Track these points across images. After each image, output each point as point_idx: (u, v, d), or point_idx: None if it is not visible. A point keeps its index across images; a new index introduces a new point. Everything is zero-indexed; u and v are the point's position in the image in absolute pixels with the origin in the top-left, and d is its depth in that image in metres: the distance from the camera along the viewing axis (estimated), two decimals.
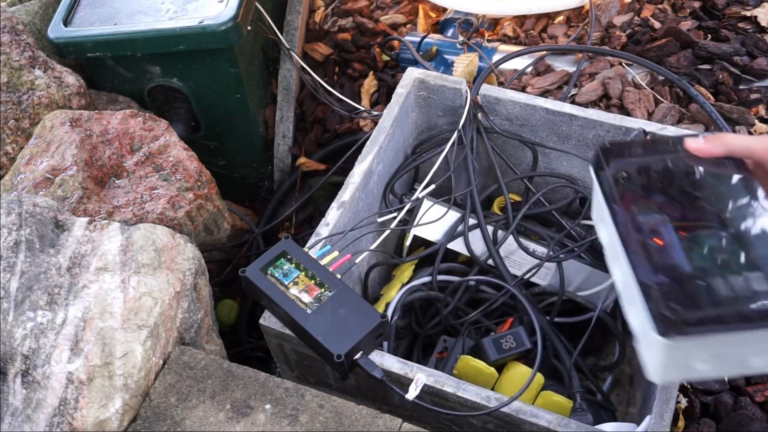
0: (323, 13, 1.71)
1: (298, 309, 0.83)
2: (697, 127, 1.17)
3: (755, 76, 1.23)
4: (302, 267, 0.86)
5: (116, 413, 0.78)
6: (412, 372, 0.82)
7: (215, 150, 1.52)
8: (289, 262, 0.87)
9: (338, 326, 0.81)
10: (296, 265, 0.86)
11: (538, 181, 1.16)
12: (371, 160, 1.04)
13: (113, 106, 1.33)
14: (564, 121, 1.08)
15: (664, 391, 0.79)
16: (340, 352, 0.78)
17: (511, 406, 0.79)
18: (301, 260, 0.87)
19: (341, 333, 0.80)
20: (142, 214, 1.00)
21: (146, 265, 0.88)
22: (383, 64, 1.61)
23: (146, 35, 1.28)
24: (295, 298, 0.83)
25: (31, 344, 0.80)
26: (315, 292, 0.84)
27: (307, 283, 0.85)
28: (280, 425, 0.79)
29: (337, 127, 1.54)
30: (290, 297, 0.84)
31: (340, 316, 0.82)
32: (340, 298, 0.83)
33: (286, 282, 0.85)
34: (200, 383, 0.83)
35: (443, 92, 1.13)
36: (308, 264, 0.86)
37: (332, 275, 0.86)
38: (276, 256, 0.87)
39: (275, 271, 0.86)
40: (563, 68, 1.33)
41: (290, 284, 0.85)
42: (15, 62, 1.16)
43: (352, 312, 0.82)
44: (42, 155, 1.05)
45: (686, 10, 1.39)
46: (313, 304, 0.83)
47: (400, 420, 0.80)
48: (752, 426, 0.93)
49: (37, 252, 0.87)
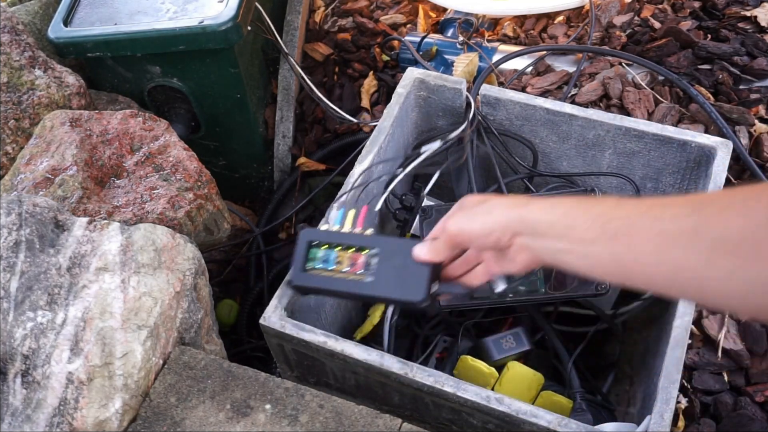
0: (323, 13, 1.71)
1: (358, 283, 0.80)
2: (697, 127, 1.17)
3: (755, 76, 1.23)
4: (334, 245, 0.84)
5: (116, 413, 0.78)
6: (412, 372, 0.82)
7: (215, 150, 1.52)
8: (320, 247, 0.84)
9: (402, 276, 0.78)
10: (328, 246, 0.84)
11: (539, 181, 1.16)
12: (371, 160, 1.04)
13: (113, 106, 1.33)
14: (564, 121, 1.08)
15: (664, 391, 0.79)
16: (421, 298, 0.76)
17: (512, 406, 0.79)
18: (329, 239, 0.84)
19: (409, 280, 0.78)
20: (142, 214, 1.00)
21: (146, 265, 0.88)
22: (383, 64, 1.61)
23: (146, 35, 1.28)
24: (348, 276, 0.81)
25: (31, 344, 0.80)
26: (360, 259, 0.82)
27: (349, 256, 0.82)
28: (280, 425, 0.79)
29: (337, 127, 1.54)
30: (343, 278, 0.81)
31: (397, 267, 0.79)
32: (386, 251, 0.81)
33: (330, 267, 0.83)
34: (200, 383, 0.83)
35: (443, 92, 1.13)
36: (337, 238, 0.84)
37: (364, 236, 0.83)
38: (306, 250, 0.85)
39: (315, 264, 0.84)
40: (563, 68, 1.33)
41: (335, 267, 0.82)
42: (15, 62, 1.16)
43: (404, 256, 0.79)
44: (42, 155, 1.05)
45: (686, 10, 1.39)
46: (366, 272, 0.81)
47: (400, 420, 0.80)
48: (752, 426, 0.93)
49: (37, 252, 0.87)
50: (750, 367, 0.98)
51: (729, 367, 0.99)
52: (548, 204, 0.61)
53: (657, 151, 1.05)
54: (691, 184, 1.06)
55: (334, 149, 1.52)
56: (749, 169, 1.12)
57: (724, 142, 1.01)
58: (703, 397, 0.98)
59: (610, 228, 0.55)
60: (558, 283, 0.98)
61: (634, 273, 0.56)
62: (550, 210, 0.61)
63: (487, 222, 0.66)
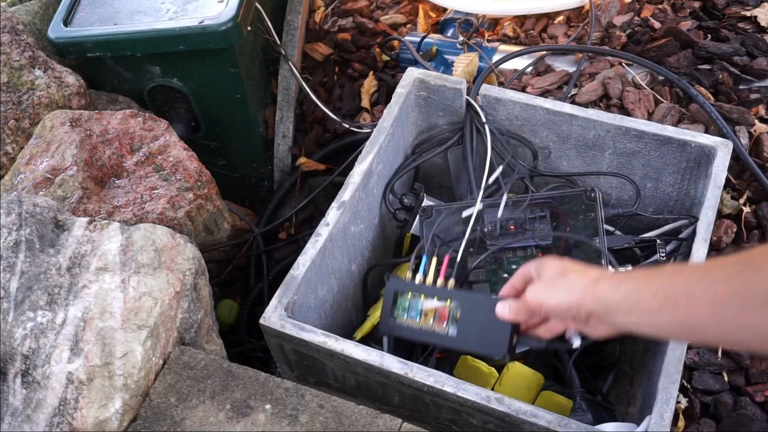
0: (323, 13, 1.71)
1: (443, 336, 0.87)
2: (697, 127, 1.17)
3: (755, 76, 1.23)
4: (418, 296, 0.90)
5: (116, 413, 0.78)
6: (412, 372, 0.82)
7: (215, 150, 1.52)
8: (405, 297, 0.91)
9: (484, 331, 0.83)
10: (412, 296, 0.90)
11: (539, 181, 1.16)
12: (371, 160, 1.04)
13: (113, 106, 1.33)
14: (564, 121, 1.08)
15: (664, 391, 0.79)
16: (503, 355, 0.81)
17: (511, 406, 0.79)
18: (415, 290, 0.91)
19: (491, 335, 0.82)
20: (142, 214, 1.00)
21: (146, 265, 0.88)
22: (383, 64, 1.61)
23: (146, 35, 1.28)
24: (434, 329, 0.87)
25: (31, 344, 0.80)
26: (444, 312, 0.88)
27: (434, 308, 0.89)
28: (280, 425, 0.79)
29: (337, 127, 1.54)
30: (429, 330, 0.88)
31: (480, 322, 0.84)
32: (469, 306, 0.86)
33: (417, 318, 0.89)
34: (200, 383, 0.83)
35: (443, 92, 1.13)
36: (422, 290, 0.91)
37: (447, 290, 0.91)
38: (393, 300, 0.91)
39: (401, 313, 0.90)
40: (563, 68, 1.33)
41: (422, 319, 0.89)
42: (15, 62, 1.16)
43: (486, 312, 0.83)
44: (42, 155, 1.05)
45: (686, 10, 1.39)
46: (450, 325, 0.86)
47: (400, 420, 0.80)
48: (752, 426, 0.93)
49: (37, 252, 0.87)
50: (750, 367, 0.98)
51: (729, 367, 0.99)
52: (616, 281, 0.68)
53: (657, 151, 1.05)
54: (691, 184, 1.06)
55: (334, 149, 1.52)
56: (749, 169, 1.12)
57: (724, 142, 1.01)
58: (703, 397, 0.98)
59: (671, 297, 0.60)
60: None
61: (700, 334, 0.61)
62: (618, 287, 0.67)
63: (564, 300, 0.72)
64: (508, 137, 1.14)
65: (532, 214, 1.01)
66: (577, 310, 0.71)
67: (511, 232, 1.02)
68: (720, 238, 1.08)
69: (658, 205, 1.12)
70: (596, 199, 0.98)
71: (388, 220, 1.16)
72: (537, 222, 1.01)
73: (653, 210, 1.12)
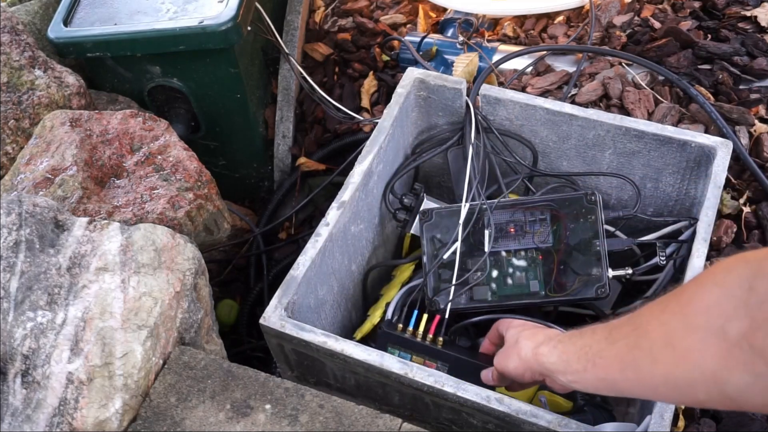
0: (323, 13, 1.71)
1: None
2: (697, 127, 1.17)
3: (755, 76, 1.23)
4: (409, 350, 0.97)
5: (116, 413, 0.78)
6: (412, 372, 0.82)
7: (215, 150, 1.52)
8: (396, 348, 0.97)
9: None
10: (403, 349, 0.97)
11: (539, 181, 1.16)
12: (371, 160, 1.04)
13: (113, 106, 1.33)
14: (564, 121, 1.08)
15: None
16: None
17: (511, 406, 0.79)
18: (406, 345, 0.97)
19: None
20: (142, 214, 1.00)
21: (146, 265, 0.88)
22: (383, 64, 1.61)
23: (146, 35, 1.28)
24: None
25: (31, 344, 0.80)
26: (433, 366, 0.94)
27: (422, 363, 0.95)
28: (280, 425, 0.79)
29: (337, 127, 1.54)
30: None
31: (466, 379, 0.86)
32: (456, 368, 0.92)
33: None
34: (200, 383, 0.83)
35: (443, 92, 1.13)
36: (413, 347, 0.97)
37: (437, 349, 0.96)
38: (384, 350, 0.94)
39: None
40: (563, 68, 1.33)
41: None
42: (15, 62, 1.16)
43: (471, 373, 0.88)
44: (42, 155, 1.05)
45: (686, 10, 1.39)
46: None
47: (400, 420, 0.80)
48: (752, 426, 0.93)
49: (37, 252, 0.87)
50: None
51: None
52: (552, 345, 0.73)
53: (657, 151, 1.05)
54: (691, 184, 1.06)
55: (334, 149, 1.52)
56: (749, 169, 1.12)
57: (724, 142, 1.01)
58: None
59: (590, 357, 0.66)
60: (558, 285, 0.98)
61: (619, 390, 0.66)
62: (553, 350, 0.73)
63: (518, 366, 0.78)
64: (508, 137, 1.14)
65: (532, 217, 1.02)
66: (531, 374, 0.77)
67: (511, 235, 1.02)
68: (720, 238, 1.08)
69: (658, 205, 1.12)
70: (596, 202, 0.98)
71: (388, 220, 1.17)
72: (537, 224, 1.01)
73: (653, 210, 1.12)
